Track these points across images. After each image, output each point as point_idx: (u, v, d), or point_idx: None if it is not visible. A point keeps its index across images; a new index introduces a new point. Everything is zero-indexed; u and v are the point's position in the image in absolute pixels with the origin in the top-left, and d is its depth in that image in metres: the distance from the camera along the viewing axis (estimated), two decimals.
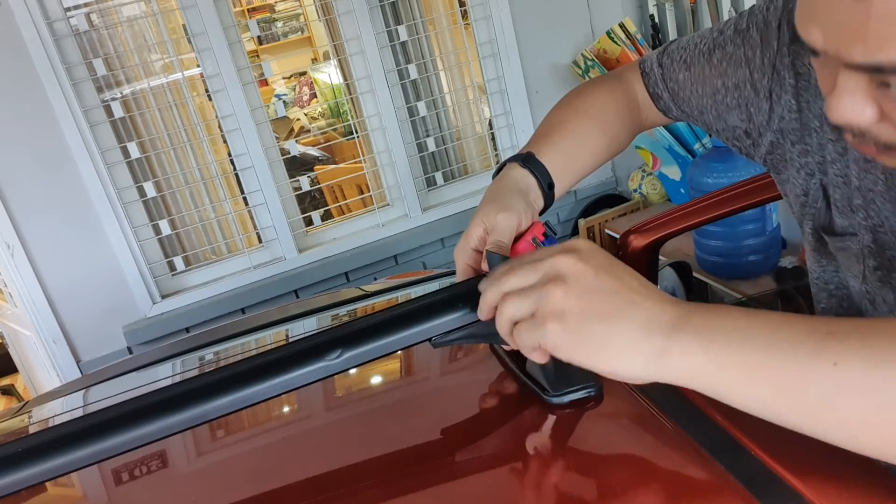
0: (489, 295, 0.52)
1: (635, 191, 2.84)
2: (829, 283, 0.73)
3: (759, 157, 0.74)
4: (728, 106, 0.73)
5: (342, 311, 1.25)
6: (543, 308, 0.47)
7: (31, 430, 0.94)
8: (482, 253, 0.66)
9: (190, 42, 2.38)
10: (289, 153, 2.73)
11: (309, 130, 4.94)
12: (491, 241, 0.65)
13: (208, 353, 1.20)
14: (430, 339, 0.60)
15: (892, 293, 0.64)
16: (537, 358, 0.50)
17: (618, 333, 0.45)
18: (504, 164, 0.74)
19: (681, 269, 1.32)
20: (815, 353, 0.40)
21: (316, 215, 2.65)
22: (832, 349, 0.40)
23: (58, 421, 0.91)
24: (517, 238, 0.67)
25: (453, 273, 1.24)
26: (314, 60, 5.73)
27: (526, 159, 0.72)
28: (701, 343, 0.43)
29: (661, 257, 1.33)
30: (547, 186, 0.72)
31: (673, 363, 0.44)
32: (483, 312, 0.54)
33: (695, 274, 1.90)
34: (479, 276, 0.67)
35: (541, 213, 0.72)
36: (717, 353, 0.43)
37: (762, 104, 0.70)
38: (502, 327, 0.51)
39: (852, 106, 0.47)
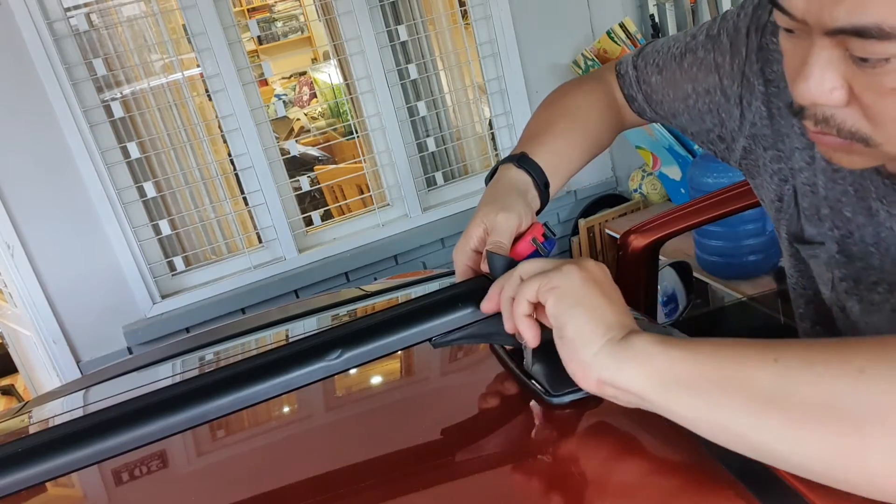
0: (502, 294, 0.56)
1: (635, 191, 2.84)
2: (806, 289, 0.73)
3: (734, 161, 0.74)
4: (700, 111, 0.73)
5: (342, 311, 1.25)
6: (545, 284, 0.51)
7: (31, 430, 0.94)
8: (482, 254, 0.67)
9: (190, 42, 2.38)
10: (289, 153, 2.73)
11: (309, 130, 4.94)
12: (491, 241, 0.65)
13: (208, 354, 1.20)
14: (430, 339, 0.60)
15: (858, 304, 0.64)
16: (526, 330, 0.53)
17: (592, 317, 0.49)
18: (497, 167, 0.75)
19: (681, 269, 1.32)
20: (759, 350, 0.42)
21: (316, 215, 2.65)
22: (774, 349, 0.41)
23: (58, 421, 0.91)
24: (516, 238, 0.68)
25: (453, 273, 1.24)
26: (314, 60, 5.73)
27: (521, 160, 0.73)
28: (654, 342, 0.46)
29: (661, 257, 1.33)
30: (543, 186, 0.73)
31: (626, 350, 0.46)
32: (487, 304, 0.58)
33: (695, 274, 1.90)
34: (479, 276, 0.67)
35: (537, 213, 0.72)
36: (673, 345, 0.45)
37: (733, 110, 0.70)
38: (505, 303, 0.55)
39: (822, 82, 0.47)
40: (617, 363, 0.46)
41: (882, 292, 0.62)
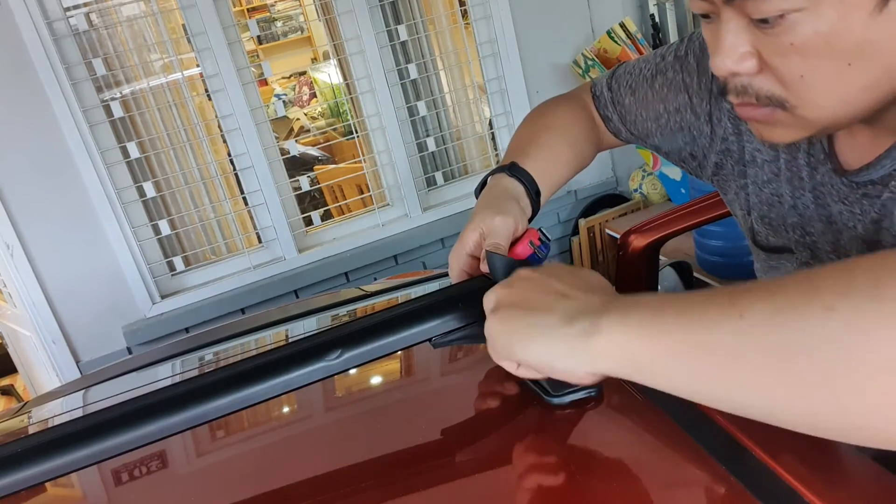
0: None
1: (636, 191, 2.84)
2: None
3: (706, 177, 0.76)
4: (672, 129, 0.75)
5: (342, 311, 1.25)
6: (487, 308, 0.52)
7: (31, 430, 0.94)
8: (477, 259, 0.67)
9: (189, 42, 2.38)
10: (288, 153, 2.73)
11: (309, 130, 4.94)
12: (489, 243, 0.66)
13: (208, 354, 1.20)
14: (430, 339, 0.60)
15: None
16: (508, 368, 0.53)
17: (539, 322, 0.48)
18: (487, 178, 0.76)
19: (681, 269, 1.32)
20: (722, 308, 0.40)
21: (316, 215, 2.65)
22: (739, 304, 0.39)
23: (57, 421, 0.91)
24: (513, 243, 0.68)
25: None
26: (314, 60, 5.73)
27: (512, 169, 0.74)
28: (620, 320, 0.44)
29: (661, 257, 1.33)
30: (535, 194, 0.74)
31: (596, 345, 0.44)
32: None
33: (695, 274, 1.90)
34: (478, 276, 0.67)
35: (529, 221, 0.73)
36: (637, 326, 0.43)
37: (703, 127, 0.72)
38: None
39: (733, 50, 0.50)
40: (591, 359, 0.45)
41: None
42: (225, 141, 2.52)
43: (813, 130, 0.54)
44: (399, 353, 0.69)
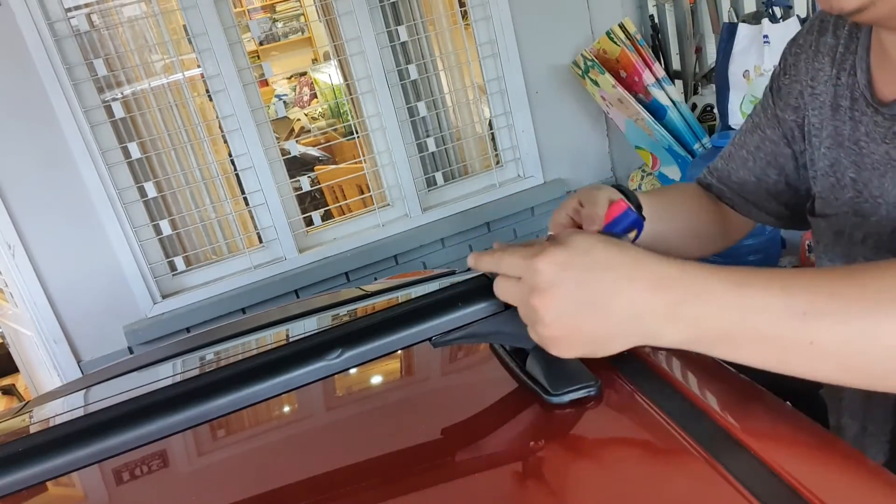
0: (484, 264, 0.55)
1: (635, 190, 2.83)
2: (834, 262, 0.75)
3: (806, 199, 0.79)
4: (762, 167, 0.82)
5: (342, 311, 1.25)
6: (532, 318, 0.50)
7: (32, 430, 0.94)
8: (573, 221, 0.68)
9: (190, 42, 2.38)
10: (289, 153, 2.73)
11: (309, 131, 4.94)
12: (584, 212, 0.66)
13: (209, 353, 1.20)
14: (430, 339, 0.61)
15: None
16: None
17: (605, 340, 0.49)
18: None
19: None
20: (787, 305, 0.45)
21: (316, 215, 2.65)
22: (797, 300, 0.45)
23: (58, 421, 0.91)
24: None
25: (453, 273, 1.25)
26: (314, 61, 5.73)
27: (616, 184, 0.76)
28: (692, 334, 0.47)
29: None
30: (636, 206, 0.72)
31: (667, 340, 0.48)
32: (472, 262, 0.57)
33: None
34: (479, 276, 0.67)
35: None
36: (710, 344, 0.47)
37: (784, 150, 0.79)
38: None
39: None
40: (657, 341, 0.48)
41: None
42: (226, 141, 2.52)
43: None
44: (399, 352, 0.69)
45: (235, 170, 2.55)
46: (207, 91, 2.45)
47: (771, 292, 0.45)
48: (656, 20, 2.81)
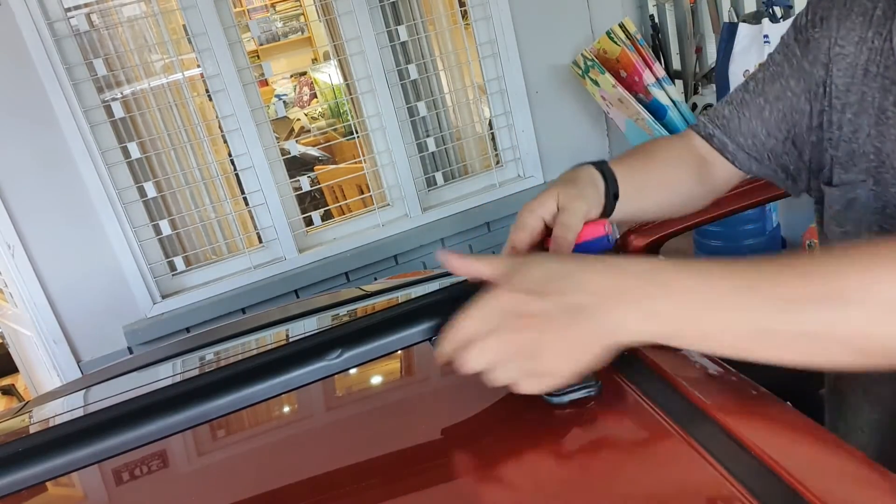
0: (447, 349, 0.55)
1: None
2: (849, 235, 0.74)
3: (809, 157, 0.76)
4: (776, 120, 0.77)
5: (342, 311, 1.25)
6: (498, 365, 0.51)
7: (32, 430, 0.94)
8: (545, 226, 0.67)
9: (190, 42, 2.38)
10: (289, 153, 2.73)
11: (309, 130, 4.94)
12: (561, 220, 0.66)
13: (208, 353, 1.20)
14: (430, 339, 0.61)
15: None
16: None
17: (568, 360, 0.50)
18: (575, 167, 0.76)
19: None
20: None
21: (316, 215, 2.65)
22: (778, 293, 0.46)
23: (58, 421, 0.91)
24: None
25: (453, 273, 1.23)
26: (314, 60, 5.73)
27: (600, 164, 0.74)
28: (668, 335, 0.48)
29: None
30: (613, 196, 0.73)
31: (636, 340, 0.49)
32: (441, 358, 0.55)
33: None
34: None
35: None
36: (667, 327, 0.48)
37: (804, 106, 0.75)
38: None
39: None
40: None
41: None
42: (225, 141, 2.52)
43: None
44: (399, 352, 0.69)
45: (235, 170, 2.55)
46: (207, 91, 2.45)
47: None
48: (656, 20, 2.81)
